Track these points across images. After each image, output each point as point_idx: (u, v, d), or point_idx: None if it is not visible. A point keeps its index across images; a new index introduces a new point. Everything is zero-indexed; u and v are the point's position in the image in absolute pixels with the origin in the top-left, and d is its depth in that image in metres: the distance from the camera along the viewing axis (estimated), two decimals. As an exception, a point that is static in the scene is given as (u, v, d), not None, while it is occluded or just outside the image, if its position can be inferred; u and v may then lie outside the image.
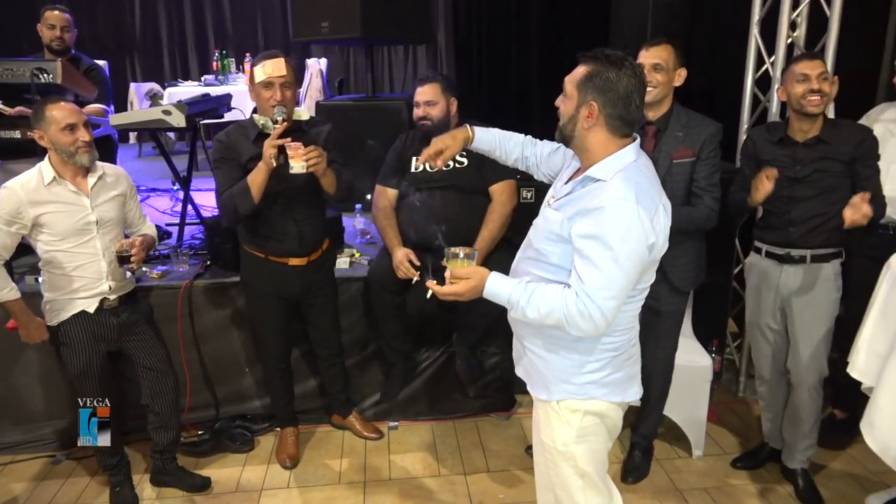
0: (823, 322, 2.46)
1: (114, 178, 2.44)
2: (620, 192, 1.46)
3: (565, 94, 1.58)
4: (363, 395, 3.17)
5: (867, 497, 2.58)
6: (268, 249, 2.60)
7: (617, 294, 1.48)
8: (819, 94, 2.28)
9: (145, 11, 7.70)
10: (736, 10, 3.43)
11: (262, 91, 2.41)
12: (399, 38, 4.80)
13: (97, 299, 2.37)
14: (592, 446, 1.68)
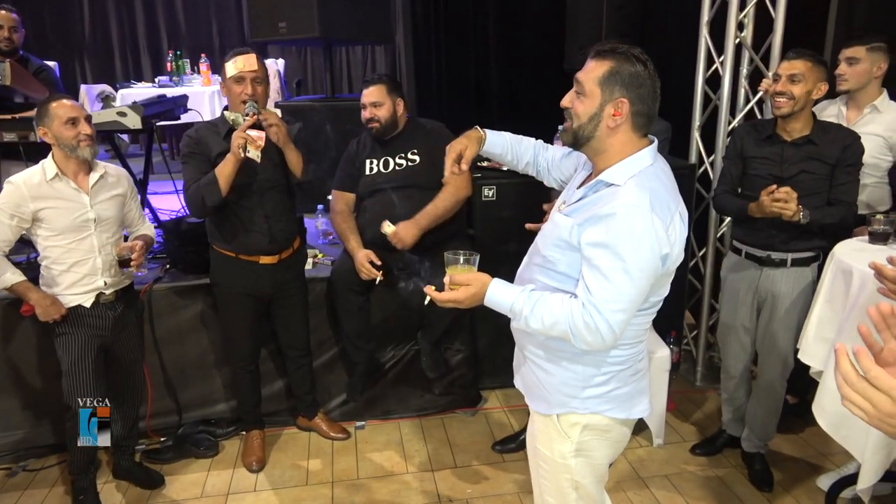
0: (796, 322, 2.47)
1: (115, 178, 2.47)
2: (634, 198, 1.36)
3: (583, 92, 1.45)
4: (329, 396, 3.16)
5: (818, 478, 2.70)
6: (238, 247, 2.59)
7: (626, 307, 1.39)
8: (783, 95, 2.29)
9: (95, 11, 7.50)
10: (686, 12, 3.54)
11: (233, 86, 2.44)
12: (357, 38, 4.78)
13: (93, 294, 2.40)
14: (592, 461, 1.61)
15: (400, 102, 2.83)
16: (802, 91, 2.27)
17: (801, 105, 2.29)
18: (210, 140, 2.51)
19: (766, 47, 3.16)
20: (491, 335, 3.31)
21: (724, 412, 2.87)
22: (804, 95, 2.27)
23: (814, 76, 2.27)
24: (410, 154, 2.85)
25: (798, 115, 2.33)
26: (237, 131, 2.33)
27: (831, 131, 2.36)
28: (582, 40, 4.04)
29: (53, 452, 2.87)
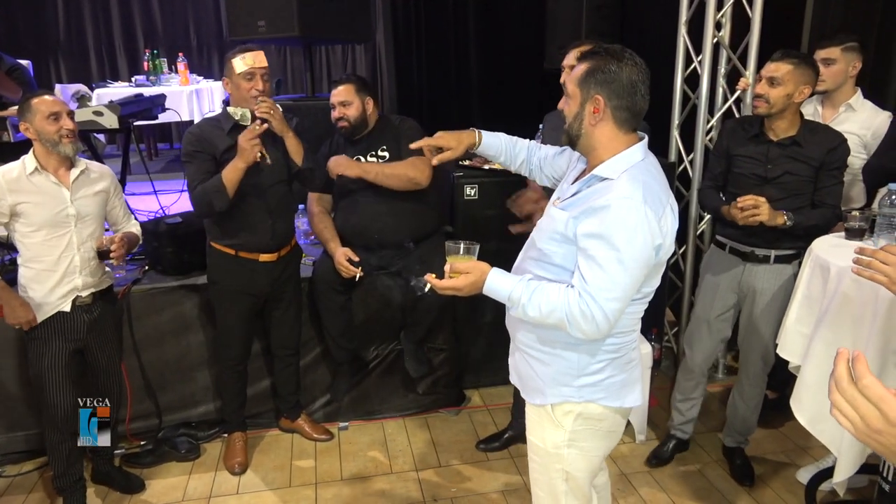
0: (776, 317, 2.49)
1: (97, 175, 2.44)
2: (627, 191, 1.41)
3: (567, 94, 1.54)
4: (312, 398, 3.14)
5: (797, 471, 2.74)
6: (239, 245, 2.58)
7: (620, 296, 1.43)
8: (760, 97, 2.31)
9: (69, 10, 7.37)
10: (664, 12, 3.57)
11: (242, 82, 2.43)
12: (338, 37, 4.77)
13: (69, 299, 2.36)
14: (584, 451, 1.64)
15: (369, 101, 2.84)
16: (781, 94, 2.28)
17: (780, 107, 2.30)
18: (215, 137, 2.49)
19: (744, 47, 3.20)
20: (474, 335, 3.32)
21: (674, 416, 2.84)
22: (783, 98, 2.28)
23: (795, 79, 2.27)
24: (380, 151, 2.86)
25: (782, 115, 2.33)
26: (248, 136, 2.31)
27: (818, 132, 2.36)
28: (562, 40, 4.06)
29: (30, 458, 2.82)
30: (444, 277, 1.56)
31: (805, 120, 2.42)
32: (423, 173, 2.77)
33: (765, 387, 2.67)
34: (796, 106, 2.35)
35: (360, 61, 7.25)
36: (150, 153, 6.23)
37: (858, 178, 2.82)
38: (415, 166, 2.77)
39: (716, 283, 2.59)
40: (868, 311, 1.85)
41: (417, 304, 2.92)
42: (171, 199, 4.08)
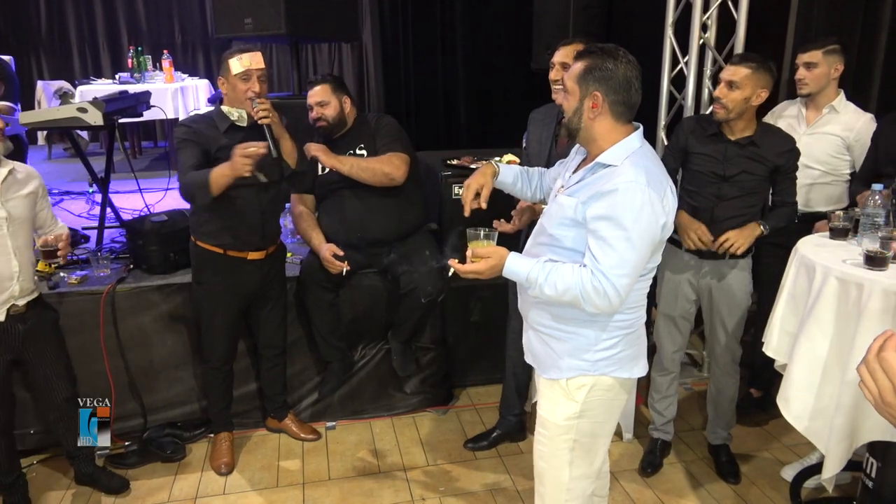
0: (738, 310, 2.58)
1: (24, 175, 2.31)
2: (632, 175, 1.53)
3: (566, 90, 1.63)
4: (299, 397, 3.12)
5: (782, 469, 2.76)
6: (227, 244, 2.54)
7: (629, 272, 1.54)
8: (719, 101, 2.36)
9: (51, 6, 7.29)
10: (651, 13, 3.60)
11: (238, 83, 2.40)
12: (324, 36, 4.75)
13: (4, 307, 2.25)
14: (592, 420, 1.73)
15: (346, 100, 2.84)
16: (739, 98, 2.33)
17: (738, 111, 2.36)
18: (209, 134, 2.46)
19: (730, 48, 3.23)
20: (462, 334, 3.31)
21: (654, 417, 2.85)
22: (741, 102, 2.34)
23: (753, 83, 2.32)
24: (358, 150, 2.87)
25: (738, 117, 2.39)
26: (243, 154, 2.23)
27: (773, 135, 2.45)
28: (548, 40, 4.07)
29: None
30: (467, 262, 1.67)
31: (761, 122, 2.49)
32: (398, 169, 2.77)
33: (738, 378, 2.72)
34: (754, 108, 2.41)
35: (347, 60, 7.22)
36: (133, 151, 6.17)
37: (842, 179, 2.86)
38: (390, 162, 2.78)
39: (676, 282, 2.64)
40: (853, 309, 1.88)
41: (403, 303, 2.92)
42: (156, 198, 4.04)
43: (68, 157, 6.44)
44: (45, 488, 2.65)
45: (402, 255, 2.90)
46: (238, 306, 2.68)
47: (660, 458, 2.83)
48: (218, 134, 2.47)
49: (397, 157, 2.80)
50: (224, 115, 2.49)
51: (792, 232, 2.64)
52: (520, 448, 2.94)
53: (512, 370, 2.84)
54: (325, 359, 3.03)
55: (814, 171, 2.84)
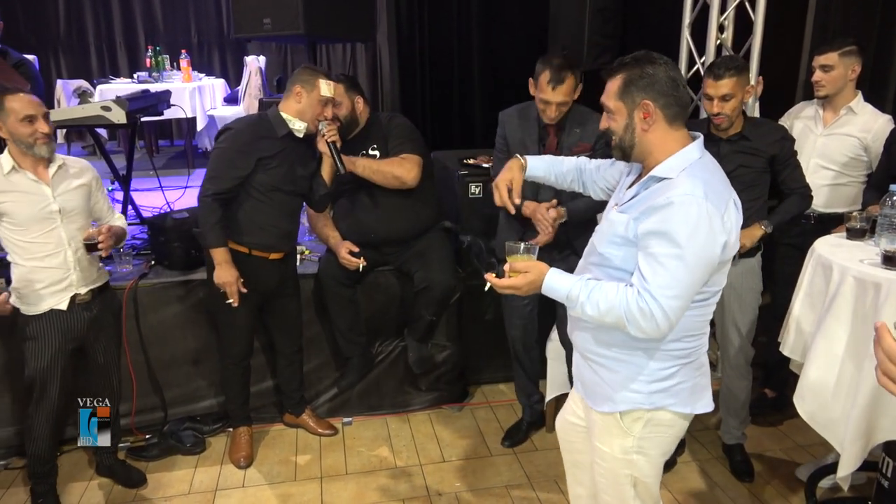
0: (749, 310, 2.61)
1: (77, 169, 2.40)
2: (688, 188, 1.41)
3: (609, 111, 1.55)
4: (316, 393, 3.17)
5: (797, 468, 2.77)
6: (254, 243, 2.61)
7: (681, 294, 1.42)
8: (719, 116, 2.41)
9: (70, 6, 7.38)
10: (667, 14, 3.61)
11: (318, 104, 2.54)
12: (341, 36, 4.79)
13: (68, 295, 2.34)
14: (652, 458, 1.64)
15: (359, 100, 2.86)
16: (735, 105, 2.41)
17: (736, 115, 2.44)
18: (264, 137, 2.52)
19: (747, 48, 3.24)
20: (477, 333, 3.34)
21: None
22: (738, 107, 2.42)
23: (740, 86, 2.39)
24: (371, 150, 2.89)
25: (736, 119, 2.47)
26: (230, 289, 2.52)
27: (761, 126, 2.52)
28: (564, 41, 4.09)
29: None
30: (505, 276, 1.58)
31: (747, 116, 2.54)
32: (409, 172, 2.81)
33: (751, 379, 2.73)
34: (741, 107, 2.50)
35: (361, 60, 7.26)
36: (150, 150, 6.24)
37: (859, 179, 2.86)
38: (401, 165, 2.81)
39: None
40: (870, 308, 1.89)
41: (417, 301, 2.95)
42: (175, 196, 4.10)
43: (87, 156, 6.53)
44: (69, 479, 2.70)
45: (417, 254, 2.93)
46: (256, 303, 2.73)
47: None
48: (274, 138, 2.54)
49: (408, 159, 2.83)
50: (283, 121, 2.56)
51: (808, 233, 2.65)
52: (534, 445, 2.97)
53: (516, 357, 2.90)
54: (344, 354, 3.07)
55: (830, 171, 2.85)
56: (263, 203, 2.56)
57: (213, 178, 2.51)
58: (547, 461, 2.84)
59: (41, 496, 2.49)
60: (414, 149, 2.86)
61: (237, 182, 2.50)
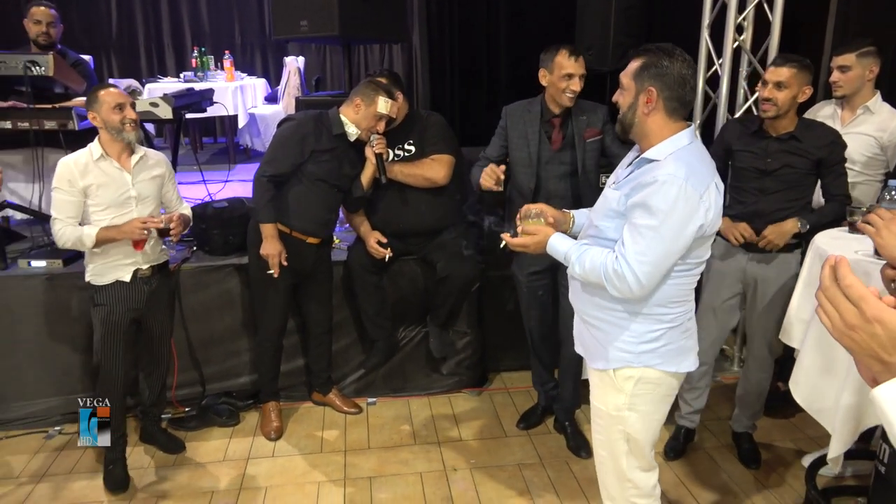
0: (776, 304, 2.62)
1: (154, 161, 2.68)
2: (672, 169, 1.58)
3: (622, 87, 1.71)
4: (343, 374, 3.35)
5: (803, 457, 2.84)
6: (295, 225, 2.83)
7: (653, 261, 1.59)
8: (769, 101, 2.45)
9: (121, 9, 7.75)
10: (689, 14, 3.69)
11: (372, 118, 2.78)
12: (375, 37, 4.97)
13: (132, 269, 2.60)
14: (643, 414, 1.78)
15: (399, 95, 3.00)
16: (788, 96, 2.43)
17: (787, 108, 2.46)
18: (318, 133, 2.76)
19: (764, 49, 3.31)
20: (496, 322, 3.48)
21: (681, 406, 2.92)
22: (789, 100, 2.44)
23: (798, 81, 2.43)
24: (407, 145, 3.05)
25: (784, 115, 2.48)
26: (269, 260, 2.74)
27: (814, 129, 2.52)
28: (590, 41, 4.20)
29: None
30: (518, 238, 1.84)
31: (802, 118, 2.55)
32: (438, 173, 2.98)
33: (772, 373, 2.78)
34: (797, 105, 2.50)
35: (397, 60, 7.46)
36: (194, 146, 6.54)
37: (875, 178, 2.91)
38: (431, 167, 2.98)
39: (722, 273, 2.70)
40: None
41: (439, 288, 3.11)
42: (216, 189, 4.34)
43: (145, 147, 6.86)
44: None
45: (440, 245, 3.09)
46: (292, 282, 2.93)
47: (683, 443, 2.94)
48: (329, 135, 2.78)
49: (438, 160, 2.99)
50: (340, 122, 2.81)
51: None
52: (548, 428, 3.10)
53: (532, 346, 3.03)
54: (371, 337, 3.24)
55: (849, 170, 2.90)
56: (309, 191, 2.80)
57: (271, 162, 2.76)
58: (559, 443, 2.97)
59: (112, 462, 2.72)
60: (446, 148, 3.02)
61: (291, 168, 2.75)
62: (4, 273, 2.99)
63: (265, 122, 6.16)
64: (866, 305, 0.79)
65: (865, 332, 0.80)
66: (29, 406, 3.07)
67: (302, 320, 3.20)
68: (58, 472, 2.80)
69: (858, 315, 0.80)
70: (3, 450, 2.93)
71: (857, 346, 0.82)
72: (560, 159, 2.67)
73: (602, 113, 2.70)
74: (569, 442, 2.95)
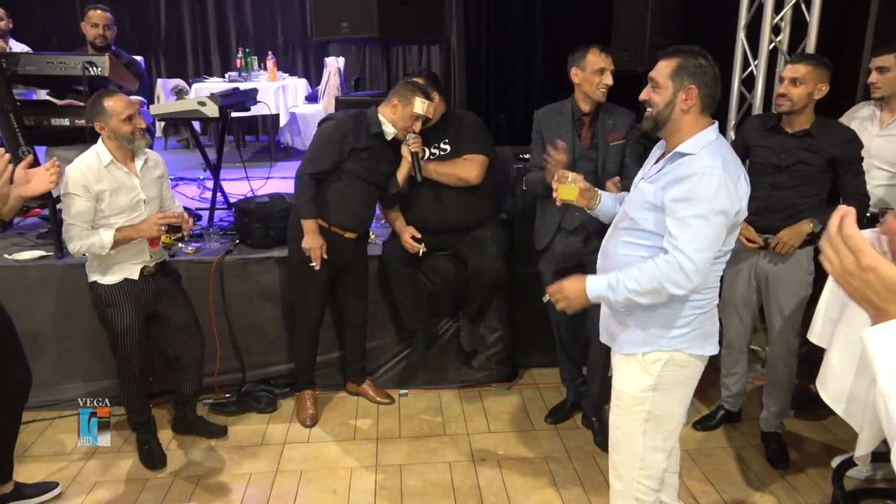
0: (794, 300, 2.69)
1: (154, 162, 2.76)
2: (709, 161, 1.68)
3: (658, 85, 1.77)
4: (376, 366, 3.46)
5: (833, 459, 2.83)
6: (333, 220, 2.94)
7: (706, 246, 1.68)
8: (783, 96, 2.51)
9: (170, 11, 8.03)
10: (726, 15, 3.69)
11: (409, 118, 2.87)
12: (413, 38, 5.07)
13: (139, 267, 2.69)
14: (667, 394, 1.84)
15: (435, 95, 3.07)
16: (803, 93, 2.48)
17: (802, 104, 2.50)
18: (356, 131, 2.86)
19: (801, 50, 3.29)
20: (527, 319, 3.53)
21: (722, 390, 3.03)
22: (804, 96, 2.49)
23: (814, 78, 2.47)
24: (443, 143, 3.13)
25: (800, 111, 2.53)
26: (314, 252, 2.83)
27: (830, 127, 2.58)
28: (626, 42, 4.21)
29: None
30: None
31: (819, 116, 2.59)
32: (471, 173, 3.05)
33: (794, 367, 2.81)
34: (814, 102, 2.53)
35: (435, 61, 7.56)
36: (238, 144, 6.75)
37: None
38: (464, 167, 3.06)
39: (737, 270, 2.77)
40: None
41: (470, 284, 3.19)
42: (258, 185, 4.49)
43: (181, 148, 7.12)
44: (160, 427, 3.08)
45: (472, 242, 3.17)
46: (330, 275, 3.03)
47: (718, 422, 3.03)
48: (366, 135, 2.88)
49: (471, 160, 3.07)
50: (378, 122, 2.90)
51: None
52: (576, 423, 3.15)
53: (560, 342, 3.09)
54: (409, 329, 3.33)
55: (885, 172, 2.88)
56: (348, 188, 2.91)
57: (312, 160, 2.87)
58: (587, 438, 3.02)
59: (146, 443, 2.87)
60: (480, 148, 3.09)
61: (331, 166, 2.86)
62: (60, 262, 3.16)
63: (305, 121, 6.32)
64: (862, 256, 0.88)
65: (861, 279, 0.89)
66: (80, 388, 3.23)
67: (338, 312, 3.31)
68: (106, 450, 2.95)
69: (855, 263, 0.89)
70: (57, 428, 3.11)
71: (854, 291, 0.91)
72: (588, 157, 2.74)
73: (630, 119, 2.76)
74: (596, 437, 2.99)
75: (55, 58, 3.17)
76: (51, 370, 3.21)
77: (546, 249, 2.91)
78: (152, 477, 2.77)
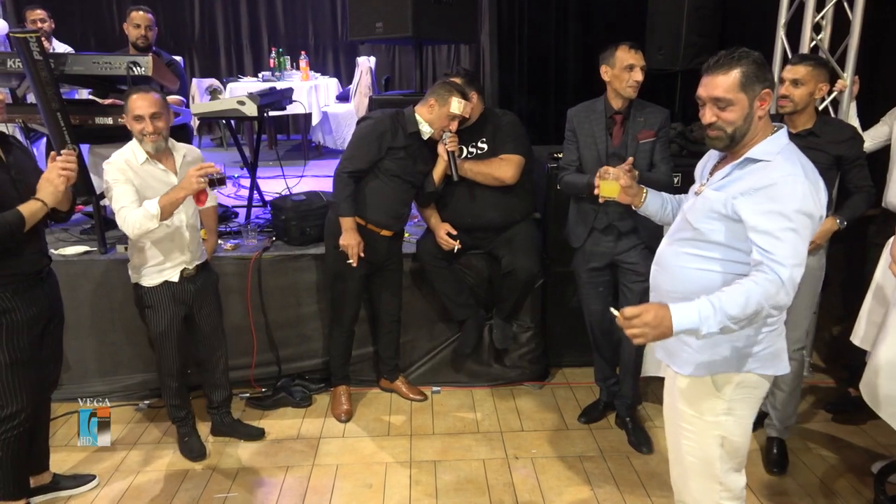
0: (804, 299, 2.60)
1: (191, 158, 2.77)
2: (789, 169, 1.56)
3: (728, 103, 1.62)
4: (410, 363, 3.49)
5: (873, 464, 2.79)
6: (370, 219, 2.97)
7: (801, 261, 1.55)
8: (785, 98, 2.52)
9: (204, 12, 8.16)
10: (764, 13, 3.64)
11: (445, 118, 2.90)
12: (446, 38, 5.09)
13: (178, 269, 2.71)
14: (741, 418, 1.76)
15: (473, 95, 3.08)
16: (804, 93, 2.50)
17: (803, 104, 2.53)
18: (393, 130, 2.91)
19: (843, 49, 3.24)
20: (560, 318, 3.54)
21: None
22: (805, 97, 2.51)
23: (814, 79, 2.49)
24: (480, 143, 3.14)
25: (802, 111, 2.55)
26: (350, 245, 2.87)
27: (832, 125, 2.62)
28: (661, 41, 4.19)
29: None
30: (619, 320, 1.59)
31: (820, 115, 2.60)
32: (507, 173, 3.06)
33: (803, 370, 2.78)
34: (815, 102, 2.56)
35: (465, 60, 7.59)
36: (270, 143, 6.85)
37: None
38: (500, 167, 3.07)
39: None
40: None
41: (504, 282, 3.20)
42: (292, 183, 4.55)
43: (214, 147, 7.25)
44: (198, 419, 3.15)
45: (506, 240, 3.18)
46: (366, 272, 3.06)
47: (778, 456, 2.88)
48: (403, 134, 2.93)
49: (507, 160, 3.07)
50: (415, 121, 2.95)
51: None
52: (609, 423, 3.15)
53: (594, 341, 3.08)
54: (457, 319, 3.34)
55: None
56: (385, 186, 2.95)
57: (350, 158, 2.91)
58: (620, 438, 3.01)
59: (186, 435, 2.93)
60: (516, 148, 3.10)
61: (369, 164, 2.90)
62: (104, 257, 3.25)
63: (337, 120, 6.39)
64: None
65: None
66: (123, 380, 3.33)
67: (373, 309, 3.34)
68: (147, 441, 3.03)
69: None
70: (100, 419, 3.19)
71: None
72: (619, 155, 2.73)
73: (663, 117, 2.74)
74: (629, 437, 2.98)
75: (100, 58, 3.24)
76: (93, 363, 3.31)
77: (580, 248, 2.91)
78: (192, 469, 2.84)
